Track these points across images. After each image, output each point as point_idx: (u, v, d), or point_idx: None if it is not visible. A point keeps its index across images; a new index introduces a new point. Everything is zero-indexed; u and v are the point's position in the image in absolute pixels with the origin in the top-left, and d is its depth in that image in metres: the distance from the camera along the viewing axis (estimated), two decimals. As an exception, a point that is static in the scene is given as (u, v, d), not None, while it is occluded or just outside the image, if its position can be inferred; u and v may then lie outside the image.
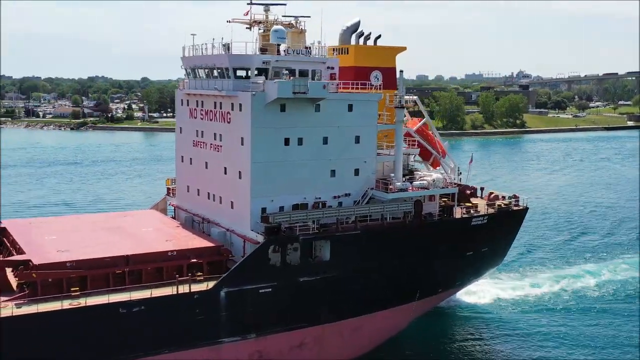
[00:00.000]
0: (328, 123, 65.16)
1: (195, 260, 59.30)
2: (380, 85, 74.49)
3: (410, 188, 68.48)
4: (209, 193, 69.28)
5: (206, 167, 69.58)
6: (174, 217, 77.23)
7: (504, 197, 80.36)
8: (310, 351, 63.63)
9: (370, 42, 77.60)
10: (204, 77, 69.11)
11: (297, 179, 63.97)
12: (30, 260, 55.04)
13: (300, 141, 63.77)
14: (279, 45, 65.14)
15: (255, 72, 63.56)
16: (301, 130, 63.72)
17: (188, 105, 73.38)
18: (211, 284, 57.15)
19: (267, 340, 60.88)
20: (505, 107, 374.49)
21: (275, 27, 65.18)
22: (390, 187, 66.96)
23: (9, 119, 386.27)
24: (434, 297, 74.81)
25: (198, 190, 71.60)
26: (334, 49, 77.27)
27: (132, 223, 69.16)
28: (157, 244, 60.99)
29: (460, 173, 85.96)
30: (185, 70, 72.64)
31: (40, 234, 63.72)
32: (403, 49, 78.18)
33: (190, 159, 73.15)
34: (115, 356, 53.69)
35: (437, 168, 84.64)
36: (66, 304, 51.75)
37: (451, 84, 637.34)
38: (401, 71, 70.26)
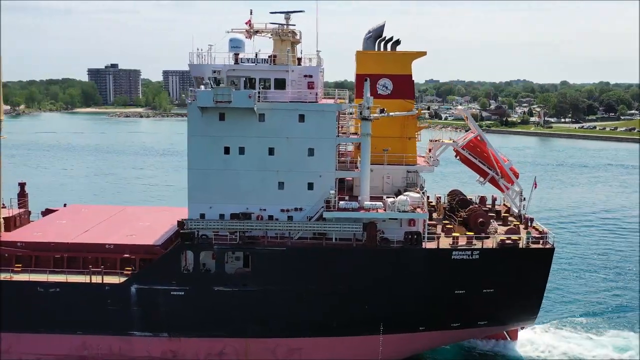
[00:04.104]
0: (274, 133, 63.29)
1: (128, 255, 64.20)
2: (389, 95, 68.62)
3: (361, 208, 62.15)
4: None
5: None
6: None
7: (539, 231, 66.30)
8: None
9: (405, 48, 71.63)
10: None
11: (238, 188, 63.82)
12: None
13: (241, 150, 63.49)
14: (236, 54, 65.23)
15: (211, 82, 64.92)
16: (243, 140, 63.35)
17: None
18: None
19: (181, 342, 62.66)
20: None
21: (231, 36, 65.62)
22: (329, 205, 61.99)
23: None
24: (420, 335, 65.50)
25: None
26: None
27: (140, 217, 75.70)
28: (113, 237, 67.00)
29: (524, 199, 73.35)
30: None
31: (61, 219, 75.06)
32: (422, 54, 69.82)
33: None
34: (34, 328, 62.21)
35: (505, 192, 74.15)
36: (2, 277, 62.10)
37: None
38: (366, 79, 63.44)
